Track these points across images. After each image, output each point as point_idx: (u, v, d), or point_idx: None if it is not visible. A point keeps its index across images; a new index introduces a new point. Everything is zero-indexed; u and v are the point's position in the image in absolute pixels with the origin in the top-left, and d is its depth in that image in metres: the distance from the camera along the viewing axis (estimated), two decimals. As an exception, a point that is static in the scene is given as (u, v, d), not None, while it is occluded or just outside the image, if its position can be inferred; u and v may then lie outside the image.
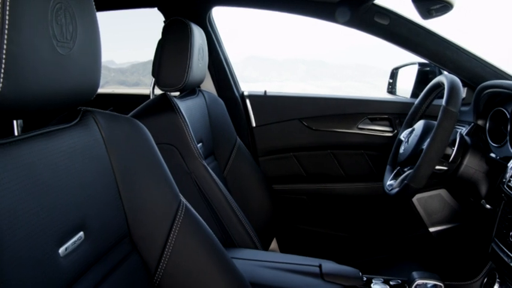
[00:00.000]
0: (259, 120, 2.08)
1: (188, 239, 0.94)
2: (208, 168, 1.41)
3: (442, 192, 1.97)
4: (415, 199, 1.99)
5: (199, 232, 0.97)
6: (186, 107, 1.52)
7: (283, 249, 1.98)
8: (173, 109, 1.39)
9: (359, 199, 2.07)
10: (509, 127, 1.51)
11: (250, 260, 1.25)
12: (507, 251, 1.24)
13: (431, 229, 2.02)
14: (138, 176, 0.89)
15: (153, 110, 1.42)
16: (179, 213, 0.94)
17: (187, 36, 1.44)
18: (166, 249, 0.91)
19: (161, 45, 1.47)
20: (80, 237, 0.74)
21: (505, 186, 1.28)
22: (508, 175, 1.30)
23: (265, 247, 1.83)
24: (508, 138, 1.51)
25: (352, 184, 2.07)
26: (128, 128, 0.91)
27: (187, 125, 1.39)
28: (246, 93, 2.10)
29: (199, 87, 1.82)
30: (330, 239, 2.08)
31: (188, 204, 0.98)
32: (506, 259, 1.23)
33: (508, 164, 1.34)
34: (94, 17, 0.76)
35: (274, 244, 1.98)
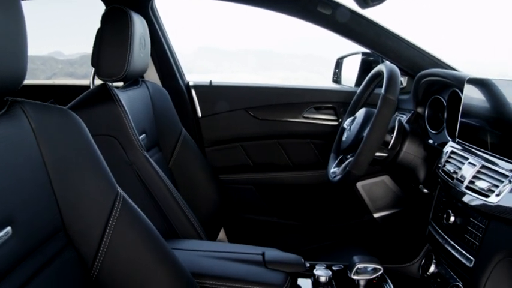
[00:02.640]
0: (205, 110, 2.07)
1: (126, 230, 0.92)
2: (150, 159, 1.39)
3: (385, 178, 2.03)
4: (359, 186, 2.04)
5: (138, 224, 0.95)
6: (128, 97, 1.49)
7: (231, 239, 1.98)
8: (113, 99, 1.36)
9: (306, 187, 2.10)
10: (445, 114, 1.56)
11: (193, 251, 1.24)
12: (442, 233, 1.29)
13: (375, 215, 2.07)
14: (71, 168, 0.87)
15: (92, 101, 1.38)
16: (116, 205, 0.92)
17: (127, 24, 1.41)
18: (104, 242, 0.89)
19: (100, 34, 1.42)
20: (7, 232, 0.71)
21: (440, 171, 1.33)
22: (443, 160, 1.35)
23: (213, 237, 1.82)
24: (444, 124, 1.56)
25: (298, 173, 2.09)
26: (60, 119, 0.88)
27: (128, 115, 1.36)
28: (191, 84, 2.08)
29: (142, 77, 1.79)
30: (277, 228, 2.10)
31: (126, 196, 0.96)
32: (441, 241, 1.28)
33: (444, 149, 1.39)
34: (17, 4, 0.72)
35: (222, 234, 1.97)
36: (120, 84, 1.59)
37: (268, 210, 2.13)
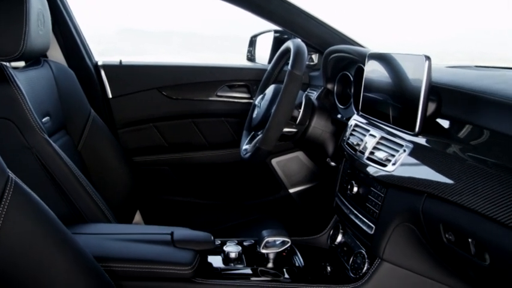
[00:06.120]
0: (115, 91, 2.00)
1: (18, 217, 0.87)
2: (52, 142, 1.32)
3: (300, 154, 2.07)
4: (274, 162, 2.07)
5: (32, 209, 0.90)
6: (28, 78, 1.41)
7: (147, 221, 1.95)
8: (6, 80, 1.27)
9: (222, 166, 2.10)
10: (352, 89, 1.61)
11: (98, 234, 1.20)
12: (347, 204, 1.34)
13: (291, 190, 2.12)
14: None
15: None
16: (7, 191, 0.86)
17: None
18: None
19: None
20: None
21: (345, 143, 1.37)
22: (347, 133, 1.39)
23: (128, 221, 1.78)
24: (352, 99, 1.61)
25: (214, 151, 2.08)
26: None
27: (24, 96, 1.28)
28: (100, 63, 2.00)
29: (45, 57, 1.69)
30: (194, 208, 2.09)
31: (19, 181, 0.90)
32: (346, 211, 1.33)
33: (348, 123, 1.43)
34: None
35: (138, 217, 1.93)
36: (22, 64, 1.50)
37: (184, 190, 2.12)
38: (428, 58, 1.04)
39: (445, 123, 1.08)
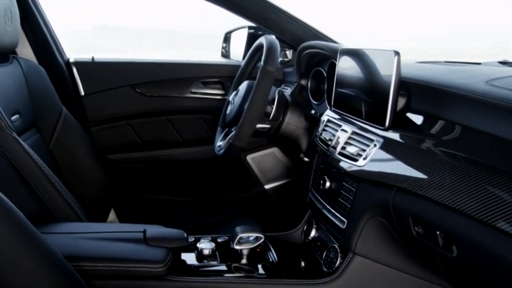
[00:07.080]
0: (88, 88, 1.97)
1: None
2: (21, 140, 1.29)
3: (275, 150, 2.07)
4: (249, 159, 2.07)
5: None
6: None
7: (122, 219, 1.93)
8: None
9: (197, 163, 2.09)
10: (326, 85, 1.62)
11: (69, 233, 1.19)
12: (320, 199, 1.34)
13: (267, 186, 2.12)
14: None
15: None
16: None
17: None
18: None
19: None
20: None
21: (317, 139, 1.38)
22: (320, 129, 1.40)
23: (102, 219, 1.76)
24: (325, 95, 1.62)
25: (189, 148, 2.07)
26: None
27: None
28: (72, 60, 1.97)
29: (14, 53, 1.66)
30: (170, 205, 2.08)
31: None
32: (319, 206, 1.34)
33: (321, 118, 1.44)
34: None
35: (112, 216, 1.91)
36: None
37: (159, 188, 2.10)
38: (397, 53, 1.05)
39: (414, 118, 1.09)
